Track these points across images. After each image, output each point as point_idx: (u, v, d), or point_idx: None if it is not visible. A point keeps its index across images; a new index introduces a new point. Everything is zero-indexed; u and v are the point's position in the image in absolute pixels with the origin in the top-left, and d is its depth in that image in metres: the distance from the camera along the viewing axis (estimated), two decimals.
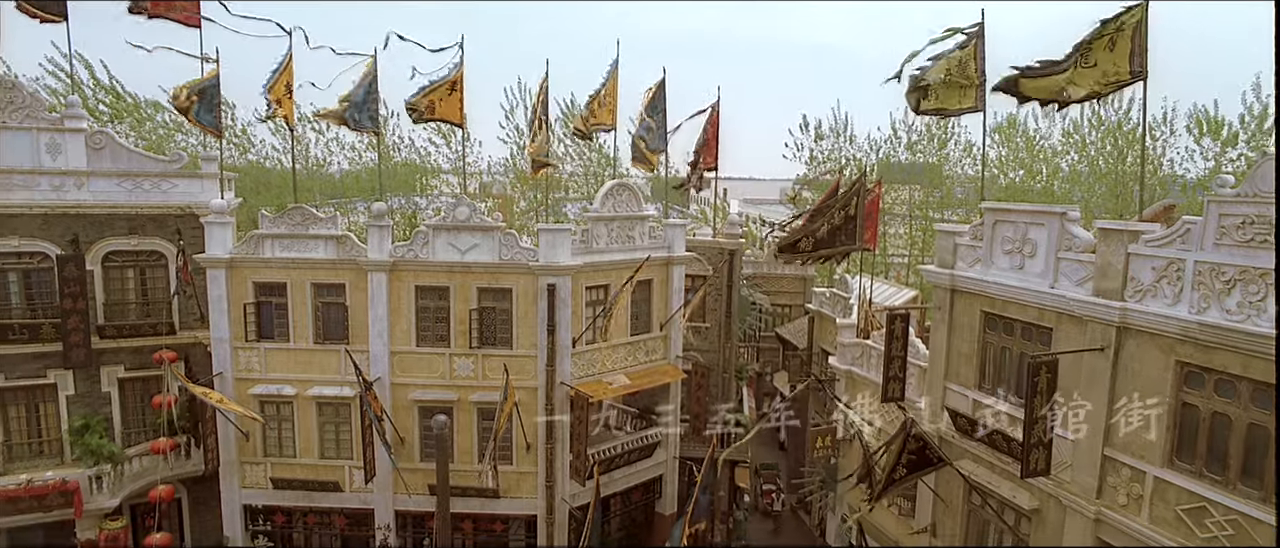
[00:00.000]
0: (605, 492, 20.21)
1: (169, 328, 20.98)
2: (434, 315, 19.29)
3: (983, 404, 14.23)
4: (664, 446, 22.06)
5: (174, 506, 21.26)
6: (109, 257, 20.47)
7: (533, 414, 19.11)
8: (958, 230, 15.23)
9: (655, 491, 22.85)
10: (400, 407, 19.39)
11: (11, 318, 19.84)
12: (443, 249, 18.88)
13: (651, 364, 21.38)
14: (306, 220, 19.12)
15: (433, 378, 19.34)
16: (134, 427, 21.22)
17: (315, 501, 20.15)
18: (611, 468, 20.24)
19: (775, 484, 28.84)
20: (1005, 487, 13.60)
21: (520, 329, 19.12)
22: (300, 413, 19.73)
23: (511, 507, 19.87)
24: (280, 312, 19.55)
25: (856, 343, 19.37)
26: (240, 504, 20.38)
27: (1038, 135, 34.37)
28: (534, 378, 19.07)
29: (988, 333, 14.39)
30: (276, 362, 19.65)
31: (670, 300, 21.50)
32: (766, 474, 29.31)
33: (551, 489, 19.32)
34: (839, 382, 19.70)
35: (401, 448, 19.52)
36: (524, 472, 19.54)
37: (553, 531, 19.47)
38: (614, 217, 20.06)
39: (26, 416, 20.58)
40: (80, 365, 20.25)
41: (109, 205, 20.16)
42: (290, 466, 20.02)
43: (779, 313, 37.37)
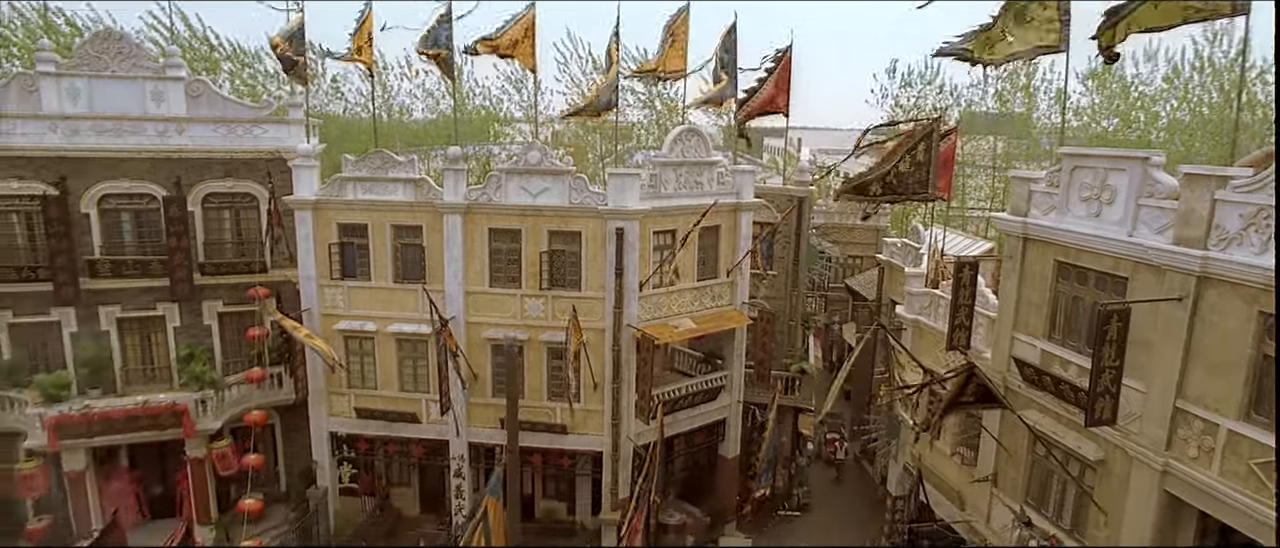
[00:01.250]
0: (669, 432, 20.75)
1: (261, 266, 22.39)
2: (506, 257, 19.95)
3: (1052, 355, 13.99)
4: (728, 390, 22.39)
5: (268, 430, 22.93)
6: (207, 198, 21.87)
7: (600, 355, 19.70)
8: (1033, 177, 14.80)
9: (718, 433, 23.29)
10: (474, 345, 20.25)
11: (126, 254, 21.53)
12: (515, 192, 19.42)
13: (717, 310, 21.62)
14: (386, 164, 19.92)
15: (504, 317, 20.08)
16: (232, 357, 22.87)
17: (395, 431, 21.37)
18: (675, 409, 20.72)
19: (839, 433, 28.97)
20: (1070, 437, 13.42)
21: (589, 272, 19.60)
22: (381, 348, 20.86)
23: (578, 443, 20.65)
24: (362, 252, 20.56)
25: (925, 293, 19.14)
26: (327, 432, 21.81)
27: (1135, 81, 32.43)
28: (601, 320, 19.58)
29: (1060, 283, 14.05)
30: (359, 299, 20.75)
31: (737, 247, 21.59)
32: (830, 423, 29.44)
33: (617, 427, 19.95)
34: (905, 331, 19.54)
35: (475, 384, 20.47)
36: (591, 410, 20.22)
37: (617, 467, 20.16)
38: (682, 162, 20.17)
39: (140, 344, 22.46)
40: (185, 299, 21.88)
41: (206, 150, 21.46)
42: (372, 397, 21.26)
43: (850, 264, 36.92)
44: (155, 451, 22.46)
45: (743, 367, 22.77)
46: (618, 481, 20.30)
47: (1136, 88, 32.33)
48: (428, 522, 23.47)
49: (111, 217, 21.41)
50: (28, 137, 20.24)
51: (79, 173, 20.65)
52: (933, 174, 15.90)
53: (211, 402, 20.93)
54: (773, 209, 23.68)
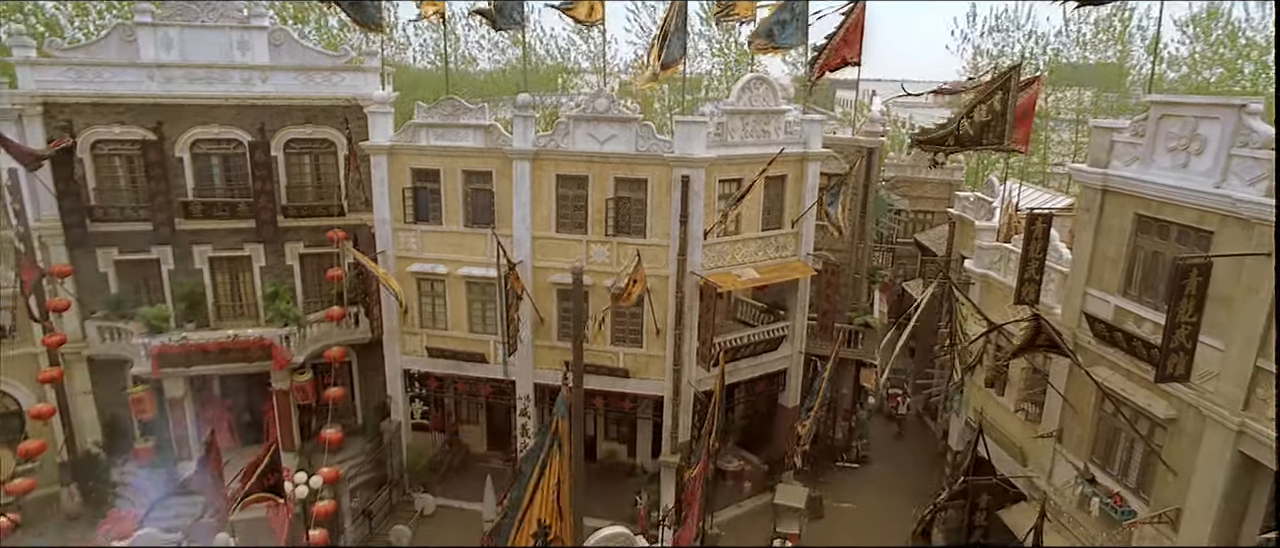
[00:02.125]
0: (730, 380, 20.95)
1: (339, 210, 23.35)
2: (573, 203, 20.31)
3: (1126, 311, 13.59)
4: (789, 340, 22.45)
5: (345, 367, 24.14)
6: (289, 144, 22.81)
7: (663, 301, 19.99)
8: (1116, 126, 14.21)
9: (779, 383, 23.46)
10: (540, 289, 20.80)
11: (216, 197, 22.76)
12: (582, 139, 19.66)
13: (782, 260, 21.59)
14: (458, 111, 20.38)
15: (570, 262, 20.49)
16: (312, 297, 24.06)
17: (464, 370, 22.25)
18: (737, 357, 20.93)
19: (902, 389, 28.74)
20: (1140, 395, 13.10)
21: (654, 219, 19.80)
22: (451, 290, 21.63)
23: (640, 387, 21.12)
24: (434, 197, 21.21)
25: (995, 247, 18.70)
26: (400, 369, 22.86)
27: (1244, 28, 30.28)
28: (665, 267, 19.82)
29: (1139, 237, 13.56)
30: (431, 242, 21.49)
31: (804, 197, 21.42)
32: (893, 379, 29.19)
33: (678, 373, 20.31)
34: (973, 286, 19.18)
35: (541, 327, 21.08)
36: (653, 355, 20.62)
37: (678, 411, 20.59)
38: (750, 110, 20.01)
39: (230, 282, 23.85)
40: (269, 241, 23.06)
41: (288, 97, 22.32)
42: (443, 337, 22.13)
43: (920, 220, 36.08)
44: (243, 382, 23.97)
45: (805, 318, 22.77)
46: (678, 425, 20.74)
47: (1245, 34, 30.22)
48: (494, 458, 24.53)
49: (202, 161, 22.60)
50: (127, 84, 21.43)
51: (173, 119, 21.81)
52: (1010, 125, 15.40)
53: (294, 337, 22.12)
54: (841, 160, 23.32)
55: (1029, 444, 16.71)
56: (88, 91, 21.14)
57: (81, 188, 21.54)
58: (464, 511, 22.10)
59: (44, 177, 20.74)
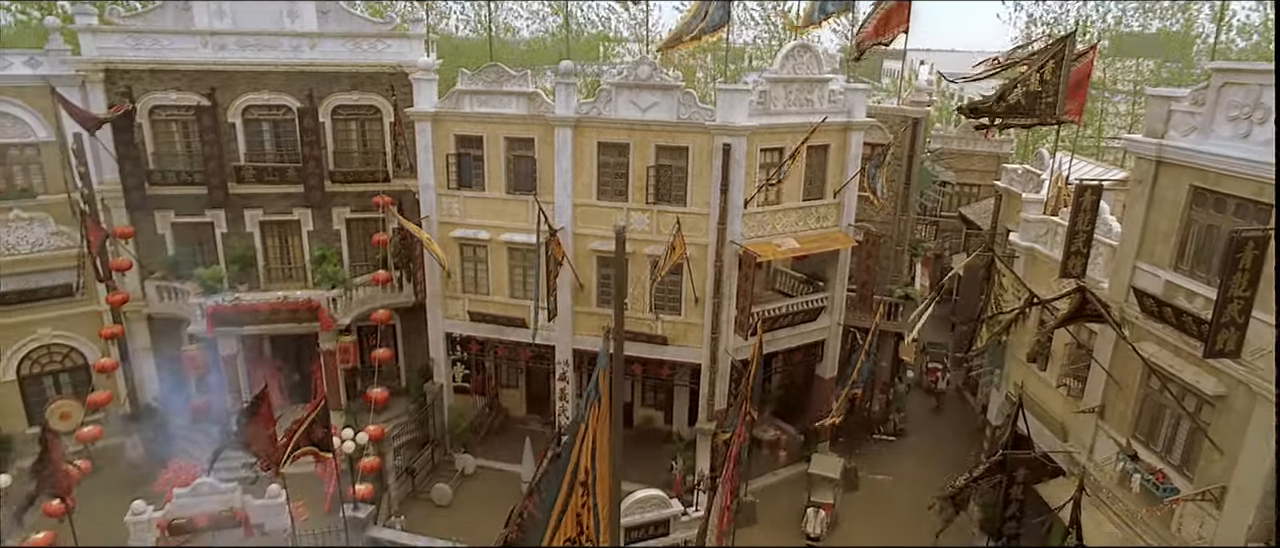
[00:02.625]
0: (768, 349, 21.02)
1: (385, 176, 23.82)
2: (614, 171, 20.39)
3: (1176, 286, 13.28)
4: (828, 311, 22.37)
5: (390, 329, 24.75)
6: (336, 110, 23.27)
7: (702, 269, 20.05)
8: (1174, 94, 13.78)
9: (817, 354, 23.43)
10: (580, 256, 21.01)
11: (266, 162, 23.36)
12: (624, 107, 19.68)
13: (822, 230, 21.46)
14: (501, 78, 20.53)
15: (610, 230, 20.65)
16: (358, 261, 24.66)
17: (505, 334, 22.64)
18: (775, 327, 20.95)
19: (941, 363, 28.48)
20: (1188, 371, 12.85)
21: (694, 187, 19.80)
22: (493, 256, 21.96)
23: (678, 354, 21.28)
24: (477, 163, 21.47)
25: (1042, 220, 18.35)
26: (443, 332, 23.35)
27: None
28: (705, 235, 19.85)
29: (1194, 209, 13.21)
30: (473, 208, 21.80)
31: (846, 167, 21.20)
32: (933, 353, 28.95)
33: (716, 341, 20.42)
34: (1018, 260, 18.86)
35: (580, 293, 21.33)
36: (691, 323, 20.73)
37: (715, 379, 20.72)
38: (794, 79, 19.80)
39: (279, 245, 24.55)
40: (317, 205, 23.65)
41: (335, 64, 22.72)
42: (485, 302, 22.53)
43: (966, 193, 35.44)
44: (292, 343, 24.77)
45: (845, 289, 22.64)
46: (715, 393, 20.89)
47: None
48: (533, 422, 25.02)
49: (253, 127, 23.19)
50: (182, 51, 22.02)
51: (226, 85, 22.37)
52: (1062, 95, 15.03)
53: (341, 300, 22.75)
54: (885, 130, 22.98)
55: (1070, 420, 16.52)
56: (146, 58, 21.80)
57: (141, 152, 22.32)
58: (503, 472, 22.64)
59: (106, 141, 21.53)
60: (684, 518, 15.76)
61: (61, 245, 22.03)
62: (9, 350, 22.14)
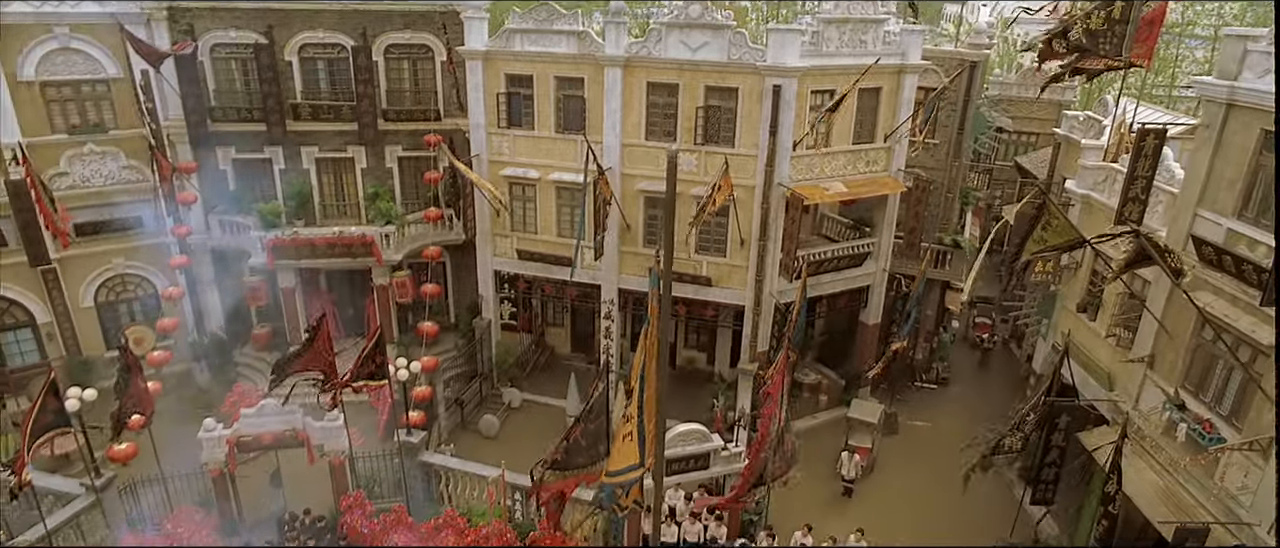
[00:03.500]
0: (812, 293, 21.08)
1: (436, 115, 24.15)
2: (662, 111, 20.38)
3: (1238, 234, 12.95)
4: (874, 257, 22.26)
5: (440, 266, 25.40)
6: (389, 49, 23.54)
7: (749, 211, 20.09)
8: (1251, 33, 13.21)
9: (861, 300, 23.42)
10: (627, 196, 21.18)
11: (321, 100, 23.85)
12: (674, 47, 19.56)
13: (871, 175, 21.23)
14: (551, 16, 20.52)
15: (658, 171, 20.73)
16: (409, 199, 25.21)
17: (551, 273, 23.06)
18: (820, 271, 20.97)
19: (990, 319, 28.09)
20: (1244, 321, 12.60)
21: (743, 129, 19.72)
22: (541, 195, 22.27)
23: (722, 296, 21.46)
24: (527, 102, 21.63)
25: (1100, 166, 17.89)
26: (491, 269, 23.89)
27: None
28: (752, 177, 19.82)
29: (1263, 155, 12.78)
30: (523, 147, 22.06)
31: (898, 111, 20.84)
32: (981, 308, 28.58)
33: (760, 284, 20.54)
34: (1072, 207, 18.47)
35: (627, 234, 21.57)
36: (736, 265, 20.86)
37: (758, 321, 20.90)
38: (847, 19, 19.40)
39: (334, 182, 25.19)
40: (370, 143, 24.14)
41: (388, 2, 22.89)
42: (532, 240, 22.94)
43: (1023, 142, 34.42)
44: (346, 278, 25.63)
45: (892, 236, 22.47)
46: (757, 335, 21.10)
47: None
48: (578, 359, 25.60)
49: (309, 65, 23.62)
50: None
51: (283, 24, 22.77)
52: (1130, 36, 14.47)
53: (393, 237, 23.38)
54: (941, 74, 22.42)
55: (1117, 369, 16.36)
56: None
57: (203, 90, 22.97)
58: (549, 406, 23.37)
59: (170, 78, 22.20)
60: (723, 453, 16.15)
61: (132, 179, 22.97)
62: (87, 279, 23.33)
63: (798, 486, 19.69)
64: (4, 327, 22.42)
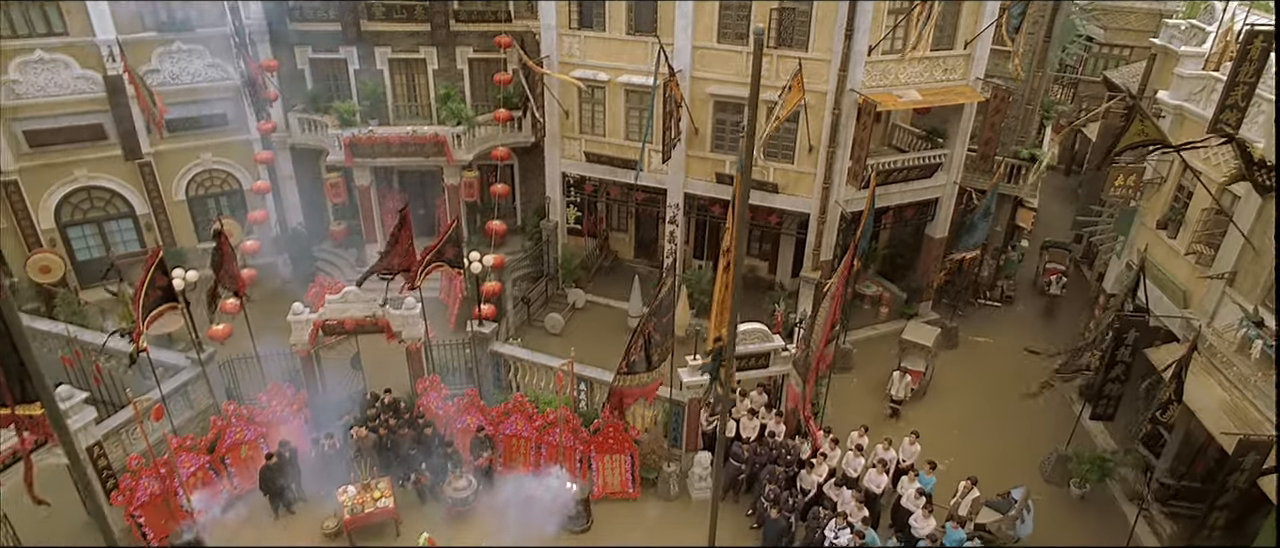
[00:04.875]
0: (878, 204, 20.82)
1: (506, 15, 24.16)
2: (736, 13, 19.96)
3: None
4: (945, 169, 21.80)
5: (508, 168, 25.85)
6: None
7: (819, 117, 19.82)
8: None
9: (928, 212, 23.09)
10: (697, 100, 21.07)
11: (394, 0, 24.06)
12: None
13: (948, 84, 20.59)
14: None
15: (729, 74, 20.51)
16: (479, 100, 25.54)
17: (618, 176, 23.31)
18: (888, 181, 20.70)
19: (1063, 264, 25.68)
20: None
21: (818, 32, 19.23)
22: (610, 97, 22.31)
23: (788, 203, 21.43)
24: (598, 3, 21.42)
25: (1199, 75, 16.99)
26: (559, 171, 24.25)
27: None
28: (825, 83, 19.45)
29: None
30: (593, 49, 21.99)
31: (981, 16, 19.99)
32: (1053, 253, 26.18)
33: (827, 192, 20.43)
34: (1165, 119, 17.69)
35: (695, 137, 21.56)
36: (803, 172, 20.73)
37: (822, 230, 20.89)
38: None
39: (407, 82, 25.65)
40: (442, 44, 24.38)
41: None
42: (600, 143, 23.13)
43: (1114, 55, 32.68)
44: (418, 179, 26.36)
45: (965, 148, 21.91)
46: (821, 243, 21.12)
47: None
48: (640, 264, 26.09)
49: None
50: None
51: None
52: None
53: (464, 137, 23.85)
54: None
55: (1194, 286, 16.00)
56: None
57: None
58: (611, 307, 24.05)
59: None
60: (784, 353, 16.51)
61: (216, 77, 23.82)
62: (178, 174, 24.58)
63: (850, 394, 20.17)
64: (108, 216, 23.95)
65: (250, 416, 16.82)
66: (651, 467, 16.67)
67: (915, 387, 19.78)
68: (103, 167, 22.96)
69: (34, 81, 21.20)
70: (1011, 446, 18.45)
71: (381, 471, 16.21)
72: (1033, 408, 19.18)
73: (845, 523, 14.11)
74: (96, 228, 23.96)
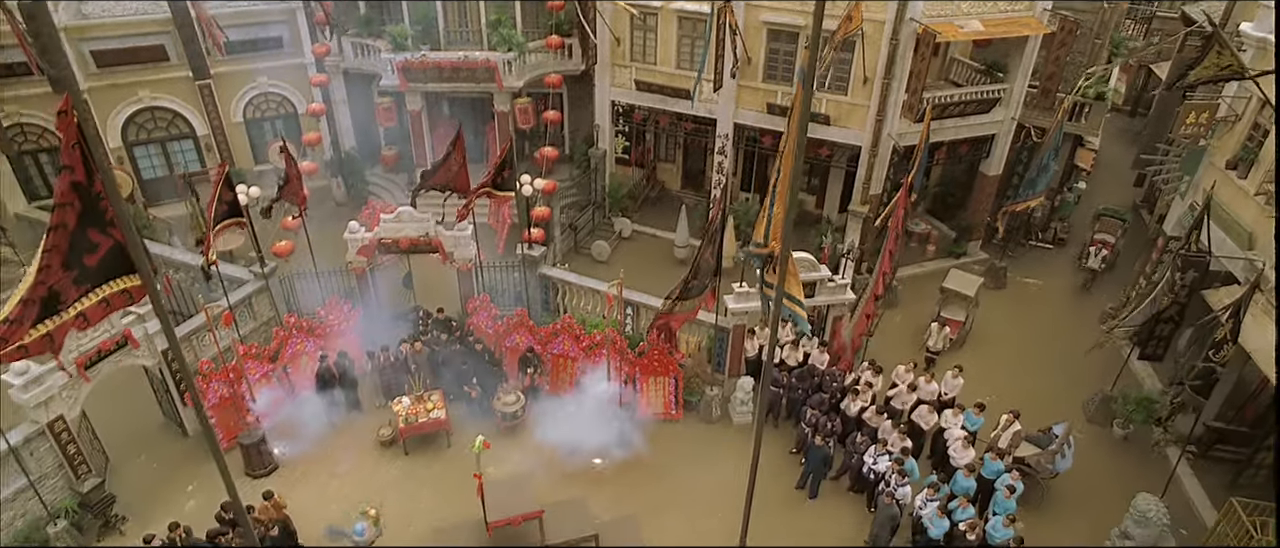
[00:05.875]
0: (934, 138, 20.42)
1: None
2: None
3: None
4: (1004, 104, 21.22)
5: (557, 96, 25.81)
6: None
7: (876, 47, 19.36)
8: None
9: (983, 149, 22.59)
10: (751, 27, 20.69)
11: None
12: None
13: (1012, 14, 19.88)
14: None
15: (783, 1, 20.06)
16: (529, 26, 25.33)
17: (668, 105, 23.16)
18: (944, 115, 20.27)
19: (1111, 238, 22.93)
20: None
21: None
22: (663, 24, 22.01)
23: (840, 135, 21.10)
24: None
25: None
26: (609, 100, 24.18)
27: None
28: (882, 11, 18.94)
29: None
30: None
31: None
32: (1105, 223, 23.34)
33: (880, 125, 20.08)
34: (1246, 52, 16.88)
35: (747, 67, 21.26)
36: (856, 104, 20.37)
37: (874, 163, 20.62)
38: None
39: (458, 8, 25.44)
40: None
41: None
42: (651, 71, 22.96)
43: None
44: (469, 105, 26.50)
45: (1026, 83, 21.25)
46: (871, 177, 20.88)
47: None
48: (687, 195, 26.12)
49: None
50: None
51: None
52: None
53: (515, 63, 23.83)
54: None
55: (1260, 228, 15.51)
56: None
57: None
58: (657, 237, 24.24)
59: None
60: (830, 284, 16.56)
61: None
62: (236, 96, 25.12)
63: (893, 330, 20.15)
64: (170, 136, 24.71)
65: (310, 328, 17.56)
66: (694, 390, 17.05)
67: (954, 337, 19.30)
68: (164, 87, 23.60)
69: (101, 2, 21.72)
70: (1056, 386, 18.37)
71: (434, 384, 16.87)
72: (1079, 350, 18.99)
73: (884, 451, 14.36)
74: (160, 148, 24.78)
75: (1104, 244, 22.57)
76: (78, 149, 5.72)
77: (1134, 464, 16.45)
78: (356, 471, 15.79)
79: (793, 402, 16.59)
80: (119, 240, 6.17)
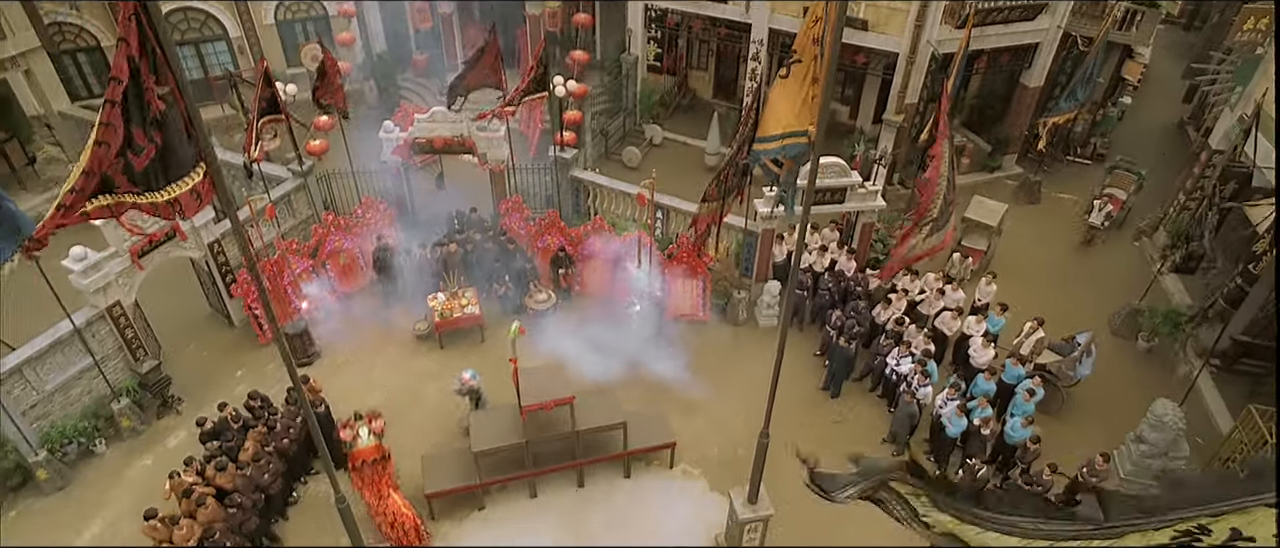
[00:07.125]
0: (974, 46, 19.88)
1: None
2: None
3: None
4: (1050, 11, 20.49)
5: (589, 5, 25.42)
6: None
7: None
8: None
9: (1025, 59, 21.97)
10: None
11: None
12: None
13: None
14: None
15: None
16: None
17: (702, 9, 22.64)
18: (987, 22, 19.67)
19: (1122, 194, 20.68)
20: None
21: None
22: None
23: (877, 42, 20.54)
24: None
25: None
26: (641, 4, 23.68)
27: None
28: None
29: None
30: None
31: None
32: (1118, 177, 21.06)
33: (919, 30, 19.54)
34: None
35: None
36: (896, 8, 19.75)
37: (911, 71, 20.18)
38: None
39: None
40: None
41: None
42: None
43: None
44: (499, 11, 26.13)
45: None
46: (908, 86, 20.47)
47: None
48: (719, 104, 25.83)
49: None
50: None
51: None
52: None
53: None
54: None
55: None
56: None
57: None
58: (688, 145, 24.16)
59: None
60: (860, 190, 16.52)
61: None
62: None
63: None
64: (204, 38, 24.81)
65: (347, 225, 18.01)
66: (721, 293, 17.36)
67: (975, 266, 18.76)
68: None
69: None
70: (1083, 298, 18.36)
71: (468, 281, 17.33)
72: (1109, 264, 18.91)
73: (908, 352, 14.64)
74: (194, 49, 24.91)
75: (1111, 199, 20.47)
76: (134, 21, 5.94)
77: (1154, 373, 16.59)
78: (394, 361, 16.47)
79: (818, 306, 16.85)
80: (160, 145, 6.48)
